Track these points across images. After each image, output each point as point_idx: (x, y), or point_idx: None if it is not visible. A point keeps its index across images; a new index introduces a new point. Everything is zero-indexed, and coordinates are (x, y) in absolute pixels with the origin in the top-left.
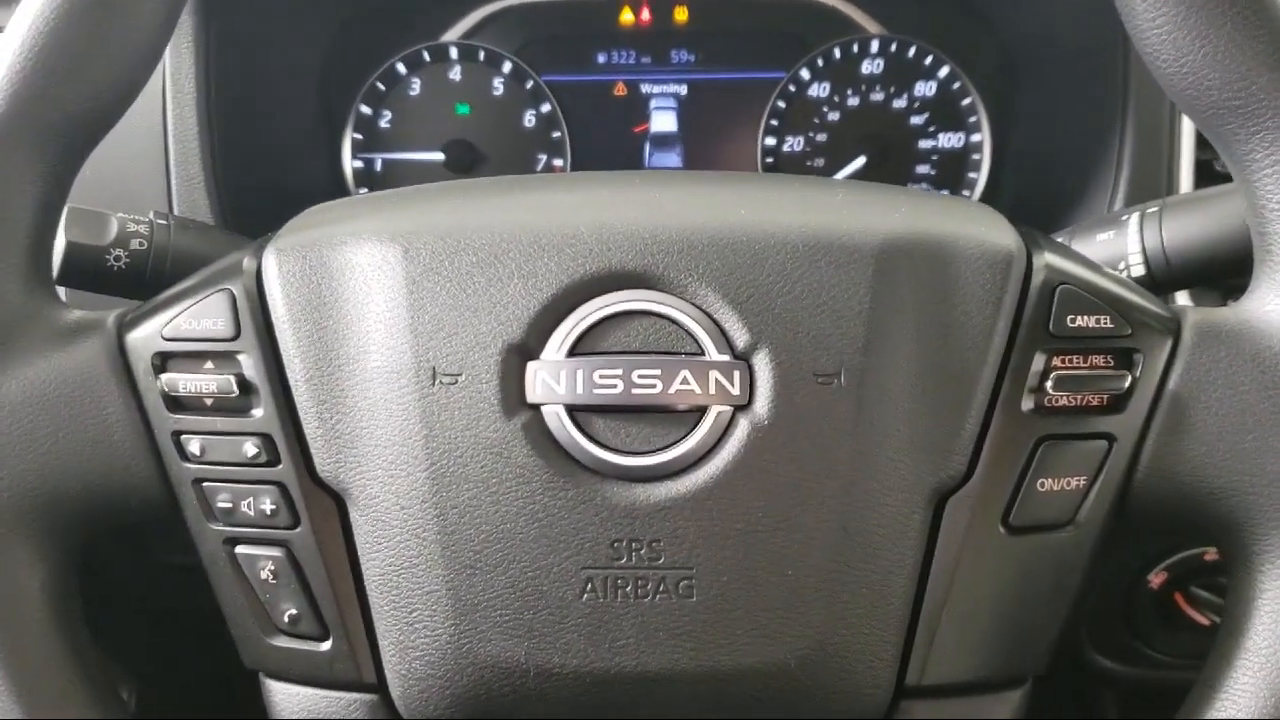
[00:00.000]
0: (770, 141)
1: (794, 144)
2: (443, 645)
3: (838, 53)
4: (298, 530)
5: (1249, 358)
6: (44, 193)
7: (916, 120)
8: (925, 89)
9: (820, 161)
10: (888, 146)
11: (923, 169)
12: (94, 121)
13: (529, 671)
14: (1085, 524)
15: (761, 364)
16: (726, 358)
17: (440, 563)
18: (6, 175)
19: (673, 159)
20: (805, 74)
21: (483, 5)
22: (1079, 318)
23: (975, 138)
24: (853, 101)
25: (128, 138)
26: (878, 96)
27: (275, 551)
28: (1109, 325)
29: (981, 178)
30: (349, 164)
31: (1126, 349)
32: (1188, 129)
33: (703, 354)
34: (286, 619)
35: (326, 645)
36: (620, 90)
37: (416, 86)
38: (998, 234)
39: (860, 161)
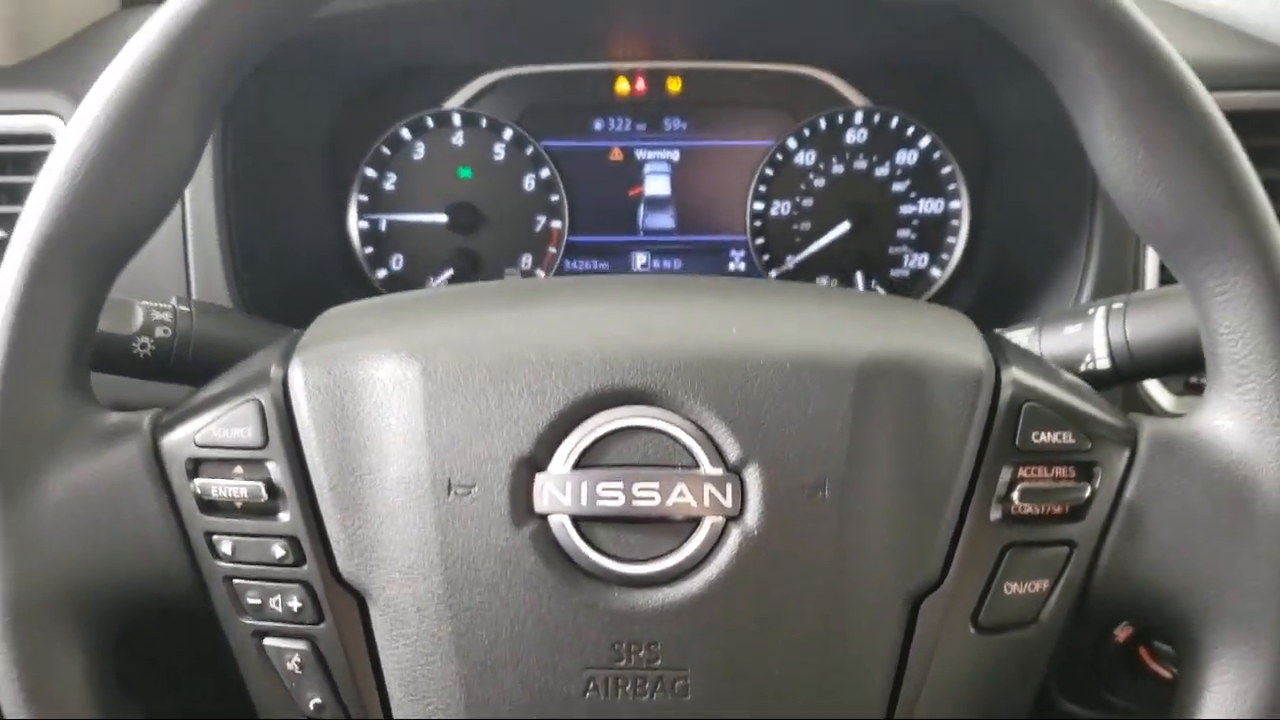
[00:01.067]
0: (758, 206)
1: (781, 208)
2: None
3: (824, 123)
4: (322, 626)
5: (1199, 470)
6: (82, 309)
7: (898, 187)
8: (907, 157)
9: (806, 225)
10: (871, 212)
11: (904, 233)
12: (129, 240)
13: None
14: (1048, 623)
15: (752, 477)
16: (719, 471)
17: (454, 660)
18: (49, 296)
19: (666, 220)
20: (792, 142)
21: (485, 74)
22: (1043, 433)
23: (954, 205)
24: (837, 169)
25: None
26: (861, 164)
27: (301, 645)
28: (1070, 440)
29: (960, 243)
30: (355, 225)
31: (1086, 462)
32: None
33: (697, 467)
34: (312, 706)
35: None
36: (616, 155)
37: (420, 151)
38: (969, 351)
39: (844, 226)
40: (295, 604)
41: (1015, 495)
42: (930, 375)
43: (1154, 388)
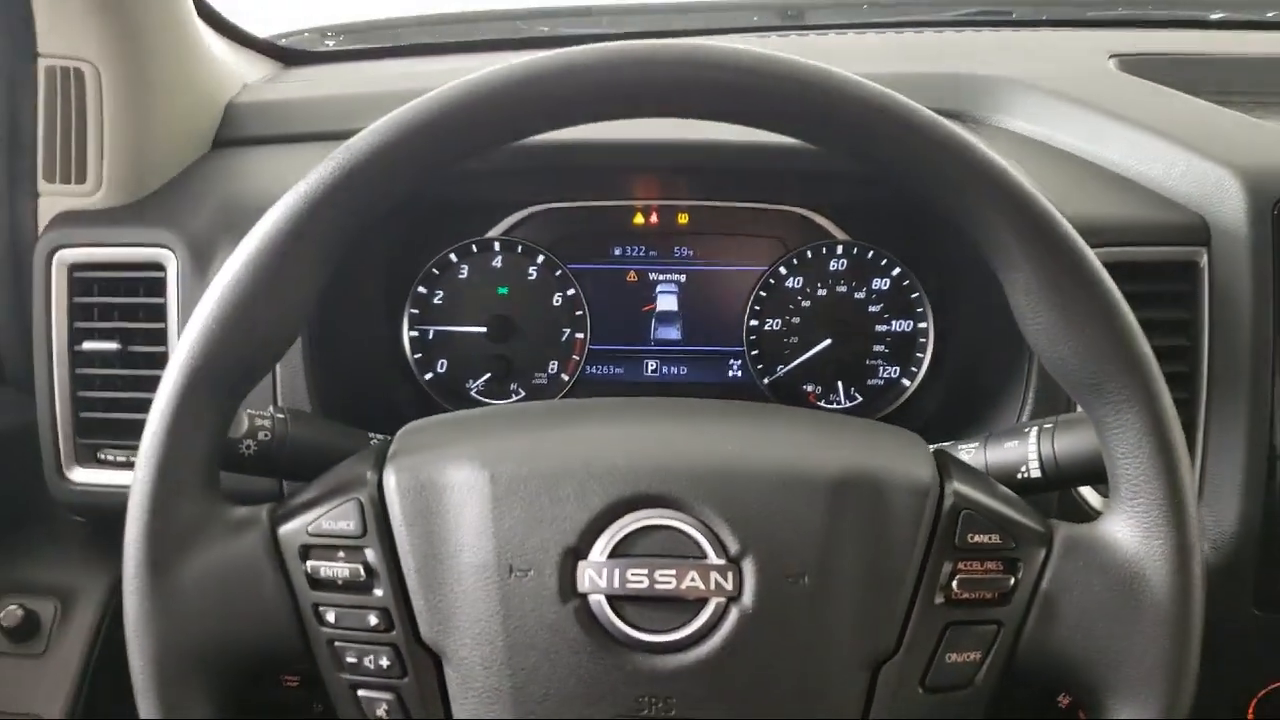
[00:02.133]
0: (754, 322)
1: (773, 325)
2: None
3: (810, 253)
4: (405, 680)
5: (1100, 567)
6: (218, 424)
7: (873, 309)
8: (881, 284)
9: (794, 339)
10: (850, 330)
11: (878, 348)
12: (258, 370)
13: None
14: (981, 685)
15: (748, 566)
16: (722, 561)
17: (510, 708)
18: (193, 414)
19: (673, 333)
20: (783, 269)
21: (522, 208)
22: (977, 535)
23: (921, 325)
24: (821, 292)
25: None
26: (842, 289)
27: (389, 695)
28: (999, 541)
29: (926, 358)
30: (407, 334)
31: (1012, 558)
32: None
33: (705, 558)
34: None
35: None
36: (632, 277)
37: (465, 271)
38: (919, 467)
39: (827, 341)
40: (385, 662)
41: (954, 584)
42: (888, 487)
43: (1087, 491)
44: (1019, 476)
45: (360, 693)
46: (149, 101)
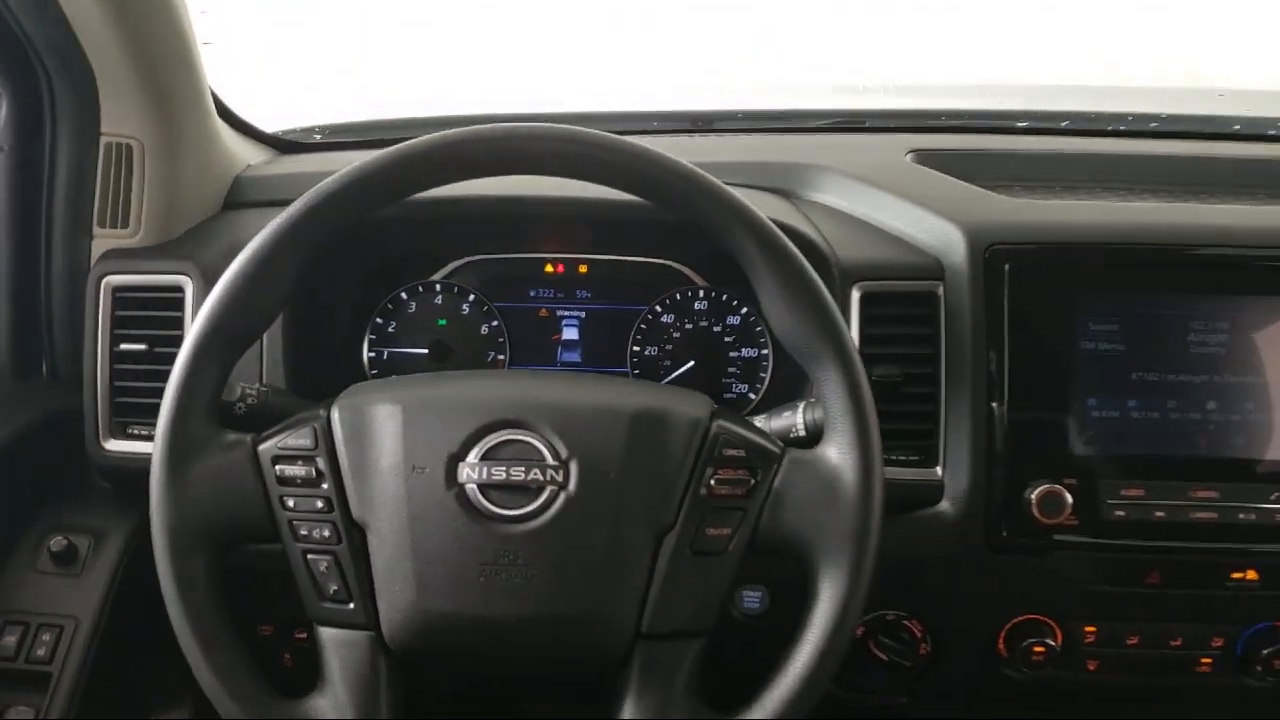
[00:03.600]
0: (636, 349)
1: (651, 351)
2: (409, 604)
3: (679, 296)
4: (340, 546)
5: (813, 474)
6: (218, 375)
7: (728, 339)
8: (733, 320)
9: (667, 363)
10: (709, 355)
11: (731, 370)
12: (248, 339)
13: (450, 615)
14: (732, 552)
15: (573, 466)
16: (556, 463)
17: (410, 562)
18: (204, 365)
19: (575, 357)
20: (659, 308)
21: (459, 258)
22: (730, 451)
23: (764, 352)
24: (688, 326)
25: None
26: (704, 324)
27: (328, 557)
28: (745, 455)
29: (768, 377)
30: (366, 354)
31: (754, 466)
32: None
33: (544, 460)
34: (331, 592)
35: (351, 606)
36: (544, 313)
37: (413, 307)
38: (698, 410)
39: (691, 364)
40: (326, 534)
41: (713, 482)
42: (673, 418)
43: None
44: (791, 435)
45: (309, 556)
46: (177, 172)
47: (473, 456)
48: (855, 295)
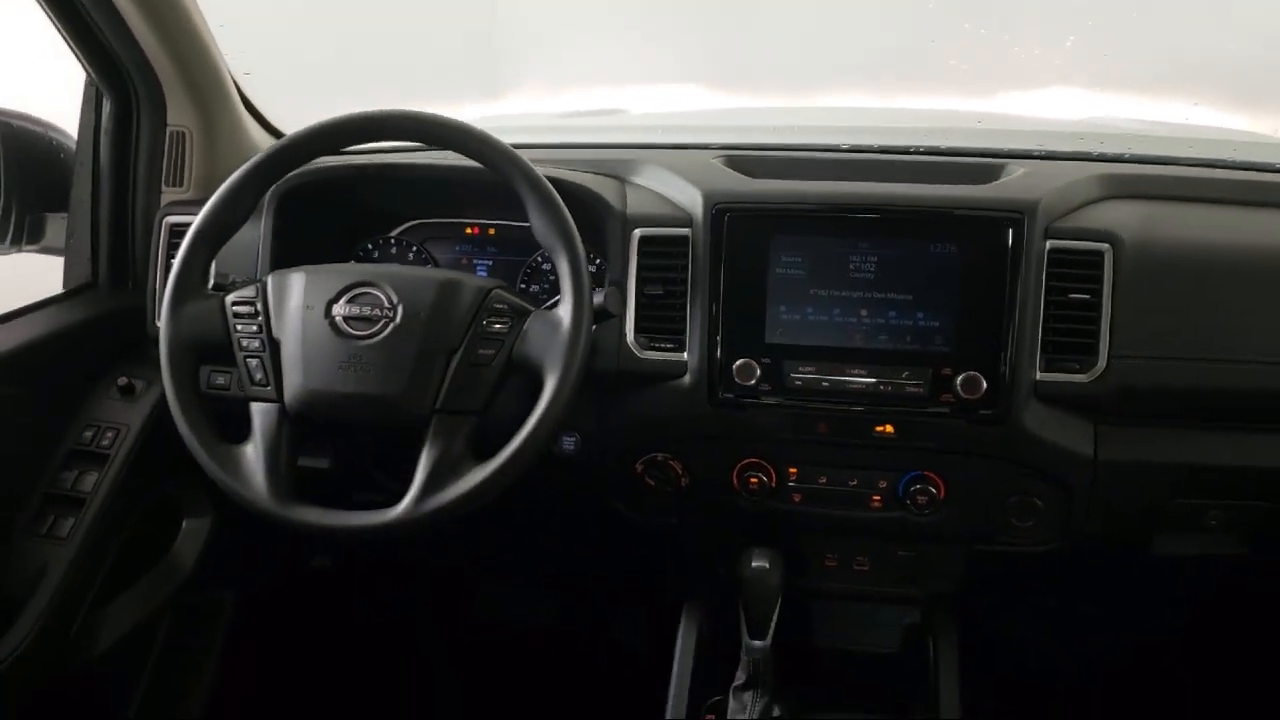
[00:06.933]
0: (523, 286)
1: (535, 289)
2: (300, 385)
3: None
4: (265, 353)
5: (546, 320)
6: (209, 254)
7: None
8: None
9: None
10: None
11: None
12: (228, 232)
13: (323, 392)
14: (495, 366)
15: (399, 309)
16: (389, 305)
17: (300, 363)
18: (197, 251)
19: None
20: (539, 258)
21: (410, 220)
22: (499, 305)
23: None
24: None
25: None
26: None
27: (257, 359)
28: (507, 309)
29: None
30: None
31: (512, 316)
32: None
33: (383, 304)
34: (257, 379)
35: (269, 388)
36: (464, 260)
37: (376, 255)
38: (487, 283)
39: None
40: (257, 345)
41: (484, 321)
42: (466, 285)
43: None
44: (545, 306)
45: (247, 360)
46: (215, 151)
47: (341, 301)
48: (636, 236)
